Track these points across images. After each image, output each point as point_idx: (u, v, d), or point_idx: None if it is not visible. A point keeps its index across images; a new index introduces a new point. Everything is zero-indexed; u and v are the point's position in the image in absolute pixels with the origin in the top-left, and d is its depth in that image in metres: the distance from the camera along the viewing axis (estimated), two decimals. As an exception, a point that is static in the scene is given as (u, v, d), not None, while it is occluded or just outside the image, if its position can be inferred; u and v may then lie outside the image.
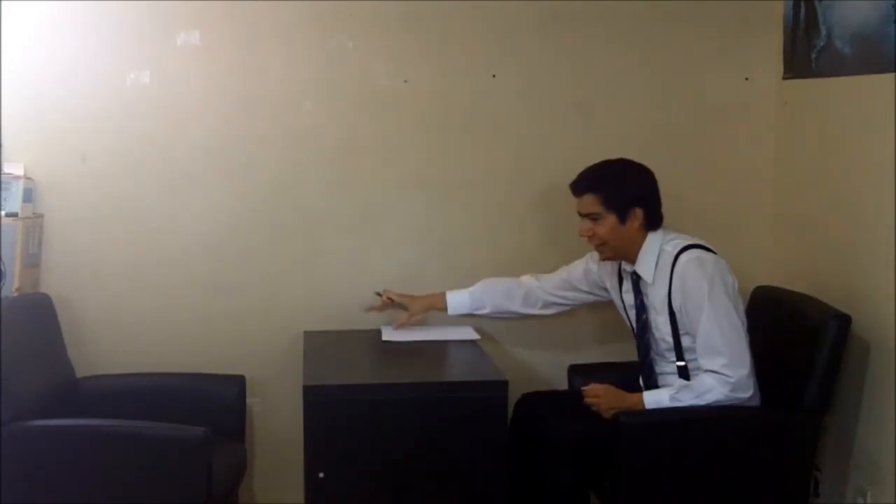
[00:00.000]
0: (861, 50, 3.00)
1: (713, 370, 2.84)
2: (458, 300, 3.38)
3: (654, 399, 2.90)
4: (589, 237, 3.02)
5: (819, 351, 2.85)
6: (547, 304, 3.34)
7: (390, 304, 3.40)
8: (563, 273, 3.32)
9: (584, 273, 3.27)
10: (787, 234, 3.51)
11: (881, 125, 2.85)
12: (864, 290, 2.96)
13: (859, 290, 2.98)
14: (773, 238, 3.58)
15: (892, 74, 2.80)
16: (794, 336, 2.98)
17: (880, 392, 2.90)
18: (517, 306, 3.34)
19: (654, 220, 3.00)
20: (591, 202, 2.99)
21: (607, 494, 2.95)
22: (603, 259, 3.11)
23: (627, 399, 2.92)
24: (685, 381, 2.91)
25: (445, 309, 3.39)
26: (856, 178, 3.05)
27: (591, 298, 3.31)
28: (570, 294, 3.31)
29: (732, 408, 2.84)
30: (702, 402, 2.84)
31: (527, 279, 3.35)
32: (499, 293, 3.36)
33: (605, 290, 3.22)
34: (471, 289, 3.38)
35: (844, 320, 2.87)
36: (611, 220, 2.97)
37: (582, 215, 3.02)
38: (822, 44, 3.20)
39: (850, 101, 3.08)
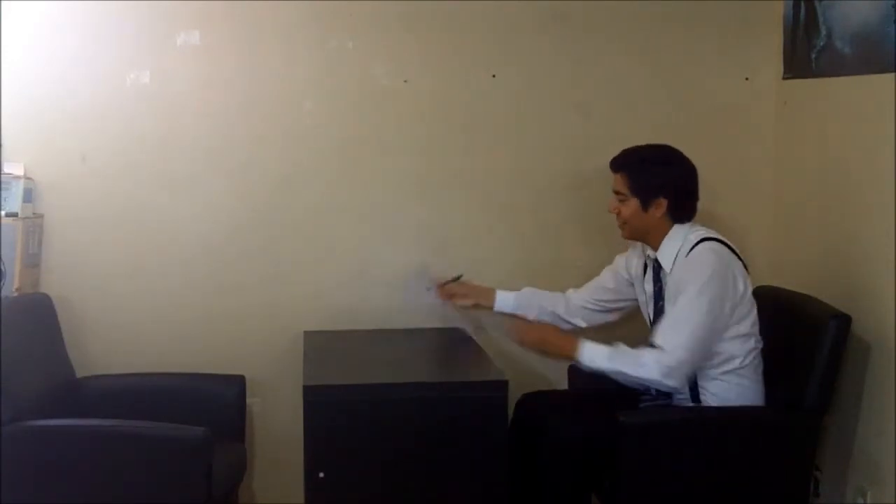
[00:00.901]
0: (861, 50, 3.00)
1: (659, 346, 2.82)
2: (504, 298, 3.35)
3: (591, 351, 2.90)
4: (616, 214, 3.04)
5: (819, 351, 2.85)
6: (586, 314, 3.29)
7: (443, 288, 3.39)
8: (595, 280, 3.31)
9: (612, 270, 3.26)
10: (787, 234, 3.51)
11: (881, 125, 2.84)
12: (864, 290, 2.96)
13: (859, 290, 2.98)
14: (773, 238, 3.57)
15: (892, 74, 2.80)
16: (794, 336, 2.98)
17: (880, 392, 2.90)
18: (561, 311, 3.30)
19: (680, 214, 2.99)
20: (620, 182, 3.01)
21: (607, 494, 2.95)
22: (623, 237, 3.11)
23: (557, 339, 3.03)
24: (627, 348, 2.88)
25: (491, 305, 3.37)
26: (856, 178, 3.05)
27: (617, 300, 3.26)
28: (601, 298, 3.27)
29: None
30: (632, 373, 2.83)
31: (569, 292, 3.33)
32: (543, 298, 3.33)
33: (632, 286, 3.20)
34: (515, 293, 3.35)
35: (844, 320, 2.87)
36: (633, 204, 2.98)
37: (614, 191, 3.04)
38: (822, 44, 3.20)
39: (850, 101, 3.08)
